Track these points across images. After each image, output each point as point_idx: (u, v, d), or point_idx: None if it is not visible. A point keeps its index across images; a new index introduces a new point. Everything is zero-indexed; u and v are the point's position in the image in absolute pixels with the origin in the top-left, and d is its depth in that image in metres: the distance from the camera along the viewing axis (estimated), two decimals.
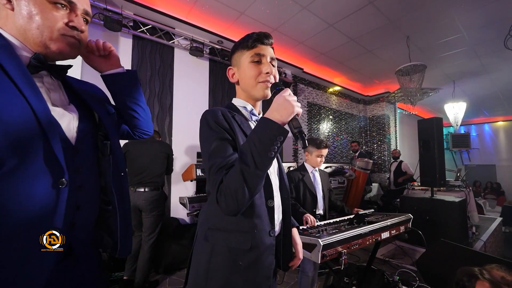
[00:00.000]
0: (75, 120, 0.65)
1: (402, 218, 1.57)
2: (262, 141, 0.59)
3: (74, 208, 0.61)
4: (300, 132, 0.62)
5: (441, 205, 2.86)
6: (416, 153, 3.24)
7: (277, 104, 0.64)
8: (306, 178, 1.82)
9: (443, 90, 5.17)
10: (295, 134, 0.63)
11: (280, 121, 0.61)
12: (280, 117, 0.62)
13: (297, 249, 0.89)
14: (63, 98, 0.67)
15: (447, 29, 3.53)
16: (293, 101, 0.63)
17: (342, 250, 1.12)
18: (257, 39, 0.79)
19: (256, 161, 0.58)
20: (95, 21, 2.71)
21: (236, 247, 0.69)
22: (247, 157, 0.59)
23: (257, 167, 0.58)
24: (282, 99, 0.64)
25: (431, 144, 3.03)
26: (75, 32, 0.63)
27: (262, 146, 0.59)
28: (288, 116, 0.62)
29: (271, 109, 0.64)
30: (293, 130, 0.63)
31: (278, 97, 0.65)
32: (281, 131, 0.60)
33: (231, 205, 0.60)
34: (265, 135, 0.60)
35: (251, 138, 0.61)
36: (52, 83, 0.66)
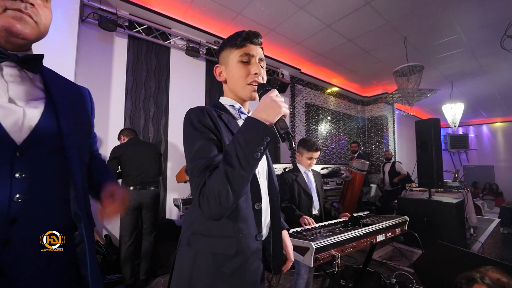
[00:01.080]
0: (28, 118, 0.57)
1: (398, 220, 1.55)
2: (248, 141, 0.57)
3: (6, 222, 0.52)
4: (286, 133, 0.61)
5: (439, 207, 2.84)
6: (414, 154, 3.22)
7: (264, 104, 0.62)
8: (300, 178, 1.79)
9: (441, 91, 5.15)
10: (281, 135, 0.61)
11: (267, 121, 0.59)
12: (267, 117, 0.60)
13: (288, 252, 0.87)
14: (34, 92, 0.62)
15: (444, 30, 3.52)
16: (280, 102, 0.62)
17: (335, 253, 1.10)
18: (247, 38, 0.76)
19: (241, 162, 0.56)
20: (89, 21, 2.69)
21: (220, 252, 0.66)
22: (232, 158, 0.57)
23: (242, 168, 0.56)
24: (269, 99, 0.62)
25: (428, 145, 3.01)
26: (22, 5, 0.56)
27: (248, 147, 0.56)
28: (275, 117, 0.60)
29: (257, 109, 0.62)
30: (279, 131, 0.62)
31: (265, 97, 0.63)
32: (268, 131, 0.58)
33: (214, 209, 0.57)
34: (251, 136, 0.57)
35: (236, 138, 0.59)
36: (19, 75, 0.61)
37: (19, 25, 0.57)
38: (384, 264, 2.71)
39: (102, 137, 2.78)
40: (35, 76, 0.65)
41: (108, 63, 2.86)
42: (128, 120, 2.96)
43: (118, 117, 2.89)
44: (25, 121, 0.57)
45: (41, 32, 0.62)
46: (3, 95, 0.56)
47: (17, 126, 0.56)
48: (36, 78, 0.65)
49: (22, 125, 0.56)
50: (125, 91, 2.96)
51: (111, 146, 2.81)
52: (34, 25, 0.59)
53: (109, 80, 2.86)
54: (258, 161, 0.58)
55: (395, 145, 6.45)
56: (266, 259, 0.79)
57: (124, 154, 2.32)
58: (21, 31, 0.57)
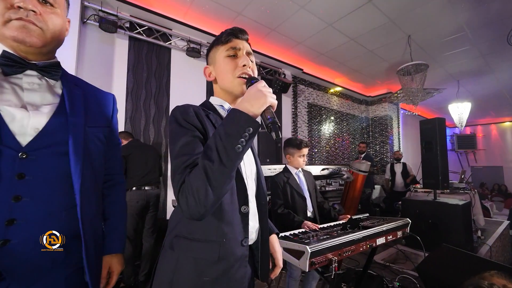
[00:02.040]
0: (34, 122, 0.59)
1: (399, 222, 1.50)
2: (229, 133, 0.53)
3: (3, 222, 0.53)
4: (273, 123, 0.56)
5: (444, 208, 2.76)
6: (419, 155, 3.15)
7: (249, 94, 0.59)
8: (292, 180, 1.75)
9: (447, 90, 5.04)
10: (267, 125, 0.57)
11: (250, 112, 0.55)
12: (250, 107, 0.56)
13: (276, 257, 0.84)
14: (49, 99, 0.65)
15: (449, 28, 3.44)
16: (266, 92, 0.58)
17: (332, 257, 1.06)
18: (231, 33, 0.75)
19: (221, 156, 0.52)
20: (90, 22, 2.71)
21: (202, 257, 0.63)
22: (211, 151, 0.53)
23: (222, 163, 0.52)
24: (254, 89, 0.59)
25: (433, 145, 2.94)
26: (24, 13, 0.58)
27: (228, 139, 0.53)
28: (260, 107, 0.57)
29: (241, 100, 0.59)
30: (265, 121, 0.57)
31: (251, 87, 0.60)
32: (250, 122, 0.54)
33: (192, 207, 0.52)
34: (232, 127, 0.54)
35: (217, 131, 0.55)
36: (39, 83, 0.64)
37: (23, 33, 0.59)
38: (387, 267, 2.65)
39: None
40: (56, 83, 0.69)
41: (109, 64, 2.87)
42: (129, 121, 2.97)
43: (119, 118, 2.88)
44: (31, 124, 0.59)
45: (49, 38, 0.63)
46: (17, 101, 0.59)
47: (23, 129, 0.58)
48: (57, 85, 0.69)
49: (27, 128, 0.59)
50: (126, 92, 2.98)
51: None
52: (39, 32, 0.61)
53: (110, 81, 2.87)
54: (240, 155, 0.54)
55: (400, 145, 6.34)
56: (255, 265, 0.77)
57: (132, 154, 2.36)
58: (25, 39, 0.60)
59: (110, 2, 2.75)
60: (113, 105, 0.85)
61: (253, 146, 0.84)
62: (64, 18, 0.68)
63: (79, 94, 0.71)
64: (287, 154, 1.83)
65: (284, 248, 1.11)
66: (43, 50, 0.65)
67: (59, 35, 0.66)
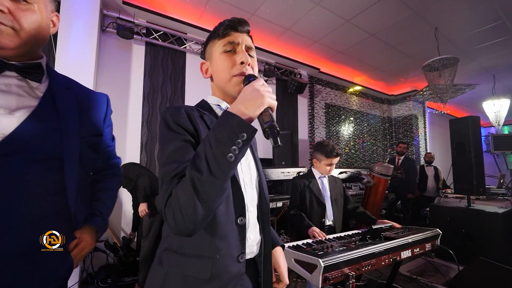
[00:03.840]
0: (1, 127, 0.56)
1: (428, 233, 1.34)
2: (219, 140, 0.47)
3: None
4: (271, 128, 0.49)
5: (481, 217, 2.48)
6: (449, 157, 2.89)
7: (244, 94, 0.52)
8: (313, 184, 1.65)
9: (480, 85, 4.61)
10: (264, 130, 0.50)
11: (244, 115, 0.49)
12: (245, 109, 0.49)
13: (281, 273, 0.75)
14: (27, 102, 0.61)
15: (483, 16, 3.13)
16: (264, 91, 0.51)
17: (349, 272, 0.95)
18: (229, 26, 0.67)
19: (211, 166, 0.46)
20: (109, 30, 2.81)
21: (192, 275, 0.55)
22: (200, 161, 0.47)
23: (212, 174, 0.46)
24: (250, 88, 0.52)
25: (466, 146, 2.67)
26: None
27: (219, 147, 0.46)
28: (256, 109, 0.50)
29: (236, 101, 0.52)
30: (263, 125, 0.50)
31: (247, 86, 0.53)
32: (244, 127, 0.47)
33: (180, 223, 0.47)
34: (223, 133, 0.47)
35: (207, 137, 0.49)
36: (18, 84, 0.61)
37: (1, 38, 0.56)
38: (414, 279, 2.43)
39: (121, 142, 2.87)
40: (40, 86, 0.65)
41: (126, 69, 2.96)
42: (145, 124, 3.03)
43: (136, 122, 2.98)
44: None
45: (24, 38, 0.59)
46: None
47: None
48: (41, 88, 0.65)
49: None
50: (143, 96, 3.05)
51: (129, 151, 2.91)
52: (9, 32, 0.57)
53: (127, 86, 2.96)
54: (233, 165, 0.47)
55: (426, 147, 5.91)
56: (257, 280, 0.69)
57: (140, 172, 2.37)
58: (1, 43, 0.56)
59: (127, 9, 2.84)
60: (106, 107, 0.82)
61: (255, 148, 0.76)
62: (44, 13, 0.62)
63: (70, 97, 0.68)
64: (314, 158, 1.73)
65: (296, 259, 1.02)
66: (21, 51, 0.61)
67: (36, 33, 0.61)
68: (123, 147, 2.86)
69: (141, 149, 2.98)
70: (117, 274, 2.36)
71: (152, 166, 2.99)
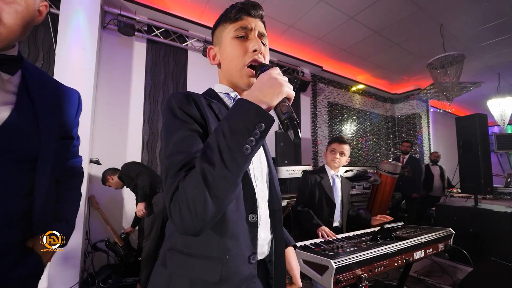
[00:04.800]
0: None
1: (440, 233, 1.29)
2: (234, 130, 0.42)
3: None
4: (290, 119, 0.44)
5: (489, 216, 2.43)
6: (454, 156, 2.84)
7: (261, 82, 0.48)
8: (325, 181, 1.59)
9: (486, 84, 4.55)
10: (283, 122, 0.45)
11: (262, 103, 0.44)
12: (263, 97, 0.45)
13: (294, 275, 0.70)
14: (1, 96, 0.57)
15: (490, 13, 3.07)
16: (282, 80, 0.47)
17: (362, 274, 0.91)
18: (242, 9, 0.62)
19: (225, 158, 0.41)
20: (110, 27, 2.77)
21: (199, 278, 0.51)
22: (212, 152, 0.42)
23: (226, 167, 0.41)
24: (267, 76, 0.47)
25: (473, 145, 2.62)
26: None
27: (234, 138, 0.42)
28: (274, 97, 0.45)
29: (251, 89, 0.48)
30: (281, 116, 0.46)
31: (263, 75, 0.49)
32: (263, 116, 0.43)
33: (187, 221, 0.42)
34: (239, 122, 0.43)
35: (220, 127, 0.45)
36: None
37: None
38: (421, 281, 2.38)
39: (122, 140, 2.83)
40: (12, 78, 0.59)
41: (127, 67, 2.92)
42: (147, 122, 2.99)
43: (137, 120, 2.94)
44: None
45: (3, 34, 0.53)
46: None
47: None
48: (13, 81, 0.59)
49: None
50: (144, 94, 3.00)
51: (131, 149, 2.87)
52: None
53: (128, 84, 2.92)
54: (249, 157, 0.43)
55: (430, 146, 5.85)
56: (268, 282, 0.63)
57: (141, 171, 2.34)
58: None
59: (128, 6, 2.79)
60: (78, 104, 0.77)
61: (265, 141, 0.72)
62: (31, 5, 0.57)
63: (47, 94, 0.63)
64: (324, 151, 1.72)
65: (304, 260, 0.98)
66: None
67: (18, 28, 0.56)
68: (124, 146, 2.82)
69: (142, 147, 2.94)
70: (119, 274, 2.32)
71: (153, 165, 2.95)
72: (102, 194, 2.61)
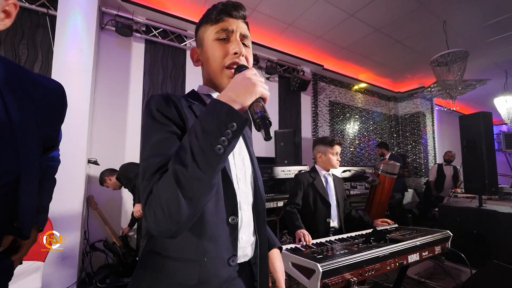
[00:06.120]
0: None
1: (437, 236, 1.25)
2: (206, 130, 0.42)
3: None
4: (262, 118, 0.44)
5: (493, 217, 2.36)
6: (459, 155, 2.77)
7: (235, 82, 0.47)
8: (317, 182, 1.57)
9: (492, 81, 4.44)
10: (255, 121, 0.45)
11: (234, 103, 0.44)
12: (236, 97, 0.45)
13: (277, 278, 0.69)
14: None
15: (495, 8, 2.99)
16: (256, 80, 0.46)
17: (351, 277, 0.88)
18: (223, 11, 0.61)
19: (197, 159, 0.41)
20: (109, 28, 2.78)
21: (177, 281, 0.51)
22: (185, 153, 0.42)
23: (198, 167, 0.41)
24: (241, 77, 0.47)
25: (477, 144, 2.55)
26: None
27: (206, 138, 0.42)
28: (247, 97, 0.45)
29: (225, 89, 0.47)
30: (253, 116, 0.45)
31: (237, 75, 0.49)
32: (234, 116, 0.43)
33: (162, 224, 0.42)
34: (211, 122, 0.43)
35: (193, 128, 0.44)
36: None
37: None
38: (422, 283, 2.32)
39: (121, 140, 2.84)
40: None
41: (126, 68, 2.93)
42: None
43: (135, 120, 2.94)
44: None
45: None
46: None
47: None
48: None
49: None
50: (142, 94, 3.01)
51: (129, 148, 2.88)
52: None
53: (127, 84, 2.93)
54: (222, 158, 0.43)
55: (435, 145, 5.74)
56: (253, 285, 0.63)
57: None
58: None
59: (126, 6, 2.80)
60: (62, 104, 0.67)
61: (250, 143, 0.71)
62: None
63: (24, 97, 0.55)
64: (318, 153, 1.67)
65: (293, 263, 0.95)
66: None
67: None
68: (122, 146, 2.83)
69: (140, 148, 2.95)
70: (116, 274, 2.33)
71: None
72: (100, 194, 2.63)
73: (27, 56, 2.41)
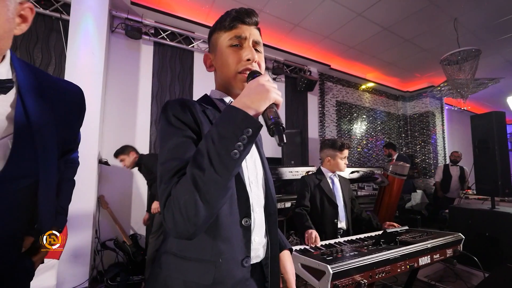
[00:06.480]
0: None
1: (449, 238, 1.23)
2: (223, 135, 0.44)
3: None
4: (276, 124, 0.45)
5: (507, 220, 2.30)
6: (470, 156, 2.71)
7: (249, 89, 0.49)
8: (324, 183, 1.57)
9: (505, 79, 4.32)
10: (269, 127, 0.46)
11: (249, 109, 0.46)
12: (250, 103, 0.47)
13: (288, 279, 0.70)
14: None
15: (508, 4, 2.91)
16: (269, 86, 0.48)
17: (361, 279, 0.88)
18: (237, 18, 0.63)
19: (214, 163, 0.43)
20: (118, 31, 2.84)
21: (193, 281, 0.53)
22: (202, 158, 0.44)
23: (215, 171, 0.43)
24: (255, 83, 0.49)
25: (490, 144, 2.49)
26: None
27: (222, 143, 0.44)
28: (262, 103, 0.47)
29: (240, 96, 0.49)
30: (267, 121, 0.47)
31: (251, 81, 0.50)
32: (249, 121, 0.45)
33: (180, 225, 0.44)
34: (227, 128, 0.45)
35: (209, 133, 0.46)
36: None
37: None
38: (432, 286, 2.28)
39: (130, 141, 2.89)
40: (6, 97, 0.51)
41: (135, 70, 2.99)
42: (154, 124, 3.05)
43: (144, 121, 3.00)
44: None
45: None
46: None
47: None
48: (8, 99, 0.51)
49: None
50: (151, 96, 3.06)
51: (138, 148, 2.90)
52: None
53: (136, 86, 2.98)
54: (238, 162, 0.45)
55: (445, 145, 5.63)
56: (264, 286, 0.64)
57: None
58: None
59: (135, 10, 2.85)
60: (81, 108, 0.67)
61: (260, 146, 0.72)
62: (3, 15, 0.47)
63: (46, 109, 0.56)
64: (326, 156, 1.67)
65: (302, 264, 0.96)
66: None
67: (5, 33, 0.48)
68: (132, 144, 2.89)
69: (149, 148, 3.00)
70: (126, 273, 2.38)
71: None
72: (111, 194, 2.69)
73: (41, 60, 2.49)
